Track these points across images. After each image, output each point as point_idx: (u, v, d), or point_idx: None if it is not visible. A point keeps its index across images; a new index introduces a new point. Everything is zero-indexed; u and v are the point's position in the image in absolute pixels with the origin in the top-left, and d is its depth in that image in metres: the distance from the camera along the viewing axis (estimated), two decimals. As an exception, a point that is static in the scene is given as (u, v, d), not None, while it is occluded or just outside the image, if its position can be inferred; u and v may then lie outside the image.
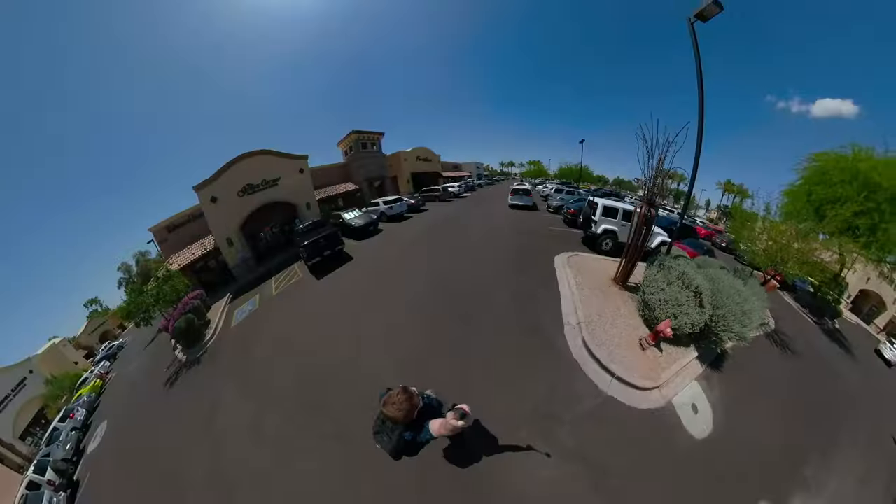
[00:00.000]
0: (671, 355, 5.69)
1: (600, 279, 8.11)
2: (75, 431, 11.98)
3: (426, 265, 9.96)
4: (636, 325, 6.35)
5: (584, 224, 11.52)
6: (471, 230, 13.96)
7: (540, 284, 7.92)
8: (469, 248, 11.29)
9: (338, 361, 6.14)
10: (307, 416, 5.13)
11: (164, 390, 9.28)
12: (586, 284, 7.69)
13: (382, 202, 18.14)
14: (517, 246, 11.12)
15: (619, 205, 10.81)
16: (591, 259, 9.79)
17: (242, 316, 10.17)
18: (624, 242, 9.90)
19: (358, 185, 23.59)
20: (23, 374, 19.10)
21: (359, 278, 10.03)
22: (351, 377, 5.60)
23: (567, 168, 64.02)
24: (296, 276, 11.64)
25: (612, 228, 10.50)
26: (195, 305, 11.27)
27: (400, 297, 8.05)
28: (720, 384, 5.52)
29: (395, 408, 2.12)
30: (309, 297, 9.84)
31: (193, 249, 15.75)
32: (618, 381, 5.00)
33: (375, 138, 25.91)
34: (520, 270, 8.87)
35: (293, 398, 5.68)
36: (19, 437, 16.00)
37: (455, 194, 28.79)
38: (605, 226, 10.52)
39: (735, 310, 5.52)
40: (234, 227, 15.30)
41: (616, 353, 5.48)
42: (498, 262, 9.53)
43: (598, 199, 11.02)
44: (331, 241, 11.45)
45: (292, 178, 17.65)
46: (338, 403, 5.12)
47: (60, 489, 9.28)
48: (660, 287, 5.98)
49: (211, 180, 14.80)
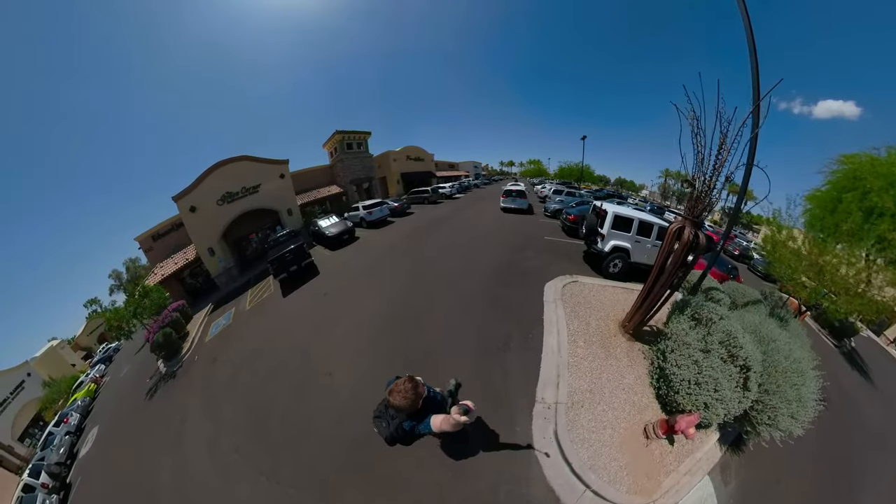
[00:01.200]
0: (683, 448, 4.19)
1: (603, 322, 6.25)
2: (69, 436, 12.63)
3: (388, 288, 9.07)
4: (644, 404, 4.60)
5: (587, 236, 9.07)
6: (452, 241, 12.79)
7: (519, 328, 6.23)
8: (442, 268, 9.81)
9: (284, 389, 6.24)
10: (252, 446, 5.37)
11: (145, 401, 9.81)
12: (582, 334, 5.85)
13: (362, 207, 17.69)
14: (500, 265, 9.46)
15: (636, 214, 8.50)
16: (594, 287, 7.77)
17: (217, 330, 10.56)
18: (638, 263, 8.38)
19: (343, 187, 23.55)
20: (21, 376, 19.83)
21: (318, 298, 9.67)
22: (293, 408, 5.64)
23: (567, 167, 61.55)
24: (268, 291, 11.67)
25: (623, 246, 8.23)
26: (174, 318, 11.68)
27: (350, 327, 7.46)
28: (738, 473, 4.25)
29: (401, 396, 2.11)
30: (273, 315, 9.75)
31: (177, 259, 16.08)
32: (593, 494, 3.60)
33: (362, 138, 25.48)
34: (496, 304, 7.23)
35: (242, 425, 5.93)
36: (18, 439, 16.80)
37: (447, 195, 27.69)
38: (614, 242, 8.21)
39: (789, 394, 4.02)
40: (216, 236, 15.52)
41: (603, 453, 3.96)
42: (472, 291, 7.97)
43: (606, 206, 8.61)
44: (297, 255, 11.22)
45: (273, 184, 17.74)
46: (278, 437, 5.26)
47: (53, 492, 9.93)
48: (691, 356, 4.21)
49: (189, 189, 14.94)
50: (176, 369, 9.85)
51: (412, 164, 34.33)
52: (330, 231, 14.61)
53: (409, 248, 12.61)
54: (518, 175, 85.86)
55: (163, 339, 10.39)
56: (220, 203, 15.60)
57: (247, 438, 5.58)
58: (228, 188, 15.85)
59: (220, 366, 8.35)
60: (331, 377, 6.09)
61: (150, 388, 10.10)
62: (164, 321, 11.43)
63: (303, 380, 6.35)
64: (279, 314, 9.68)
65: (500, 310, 7.01)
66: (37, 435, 15.30)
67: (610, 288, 7.86)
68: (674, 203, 63.61)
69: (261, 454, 5.13)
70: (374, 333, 6.96)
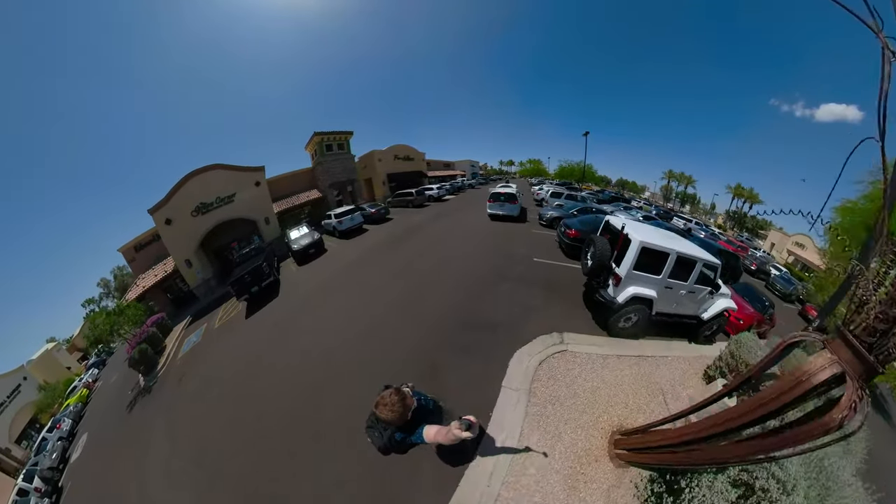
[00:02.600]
0: None
1: (585, 432, 4.10)
2: (61, 441, 13.43)
3: (323, 326, 8.07)
4: None
5: (593, 271, 6.07)
6: (412, 264, 10.70)
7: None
8: (384, 309, 7.92)
9: (226, 425, 6.21)
10: (197, 473, 5.54)
11: (126, 413, 10.47)
12: (540, 455, 3.79)
13: (333, 215, 16.89)
14: (463, 308, 7.21)
15: (674, 246, 5.49)
16: (590, 361, 5.32)
17: (188, 347, 11.07)
18: (662, 316, 5.81)
19: (322, 192, 23.56)
20: (17, 380, 20.64)
21: (269, 327, 9.27)
22: (229, 445, 5.61)
23: (568, 167, 57.24)
24: (235, 309, 11.54)
25: (647, 295, 5.54)
26: (150, 334, 12.22)
27: (286, 368, 6.96)
28: None
29: (388, 409, 2.06)
30: (235, 338, 9.58)
31: (157, 271, 16.50)
32: None
33: (343, 139, 25.10)
34: (434, 378, 5.21)
35: (188, 452, 6.15)
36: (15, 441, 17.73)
37: (435, 197, 26.08)
38: (635, 290, 5.52)
39: None
40: (192, 248, 15.80)
41: None
42: (410, 351, 6.04)
43: (627, 226, 5.66)
44: (255, 276, 10.81)
45: (248, 193, 17.80)
46: (214, 468, 5.35)
47: (46, 496, 10.76)
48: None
49: (164, 202, 15.14)
50: (152, 384, 10.46)
51: (400, 164, 33.46)
52: (297, 244, 14.09)
53: (363, 272, 11.08)
54: (516, 174, 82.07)
55: (139, 356, 10.96)
56: (194, 214, 15.76)
57: (191, 466, 5.89)
58: (202, 199, 15.94)
59: (184, 386, 8.83)
60: (259, 420, 5.84)
61: (131, 401, 10.68)
62: (141, 337, 11.96)
63: (239, 414, 6.31)
64: (240, 337, 9.66)
65: (436, 392, 4.42)
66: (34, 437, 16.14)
67: (614, 359, 5.39)
68: (677, 205, 61.33)
69: (201, 482, 5.37)
70: (300, 379, 6.43)
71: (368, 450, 2.55)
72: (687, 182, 62.37)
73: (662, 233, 6.47)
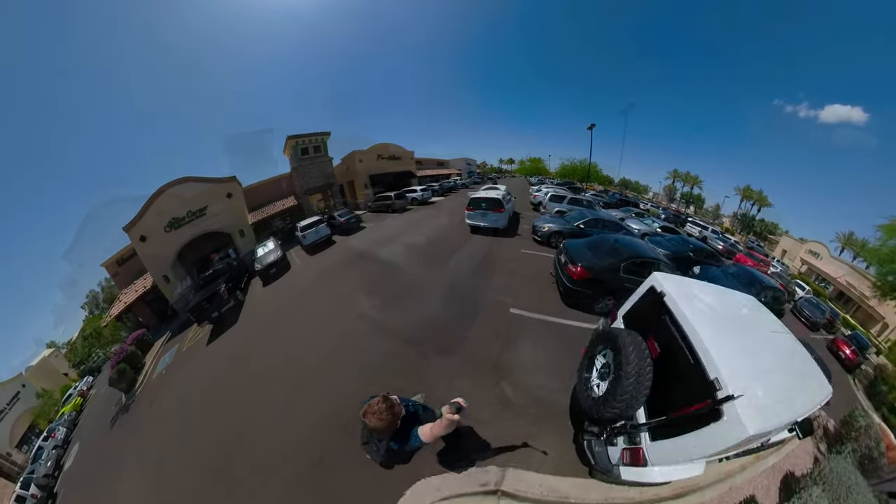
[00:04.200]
0: None
1: None
2: (56, 449, 14.37)
3: (259, 372, 7.55)
4: None
5: (601, 407, 3.02)
6: (329, 326, 8.21)
7: None
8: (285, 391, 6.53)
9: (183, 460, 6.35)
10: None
11: (109, 428, 11.25)
12: None
13: (299, 228, 15.72)
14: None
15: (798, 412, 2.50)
16: None
17: (162, 367, 11.60)
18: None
19: (298, 199, 23.52)
20: (16, 388, 21.57)
21: (224, 357, 8.94)
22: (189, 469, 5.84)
23: (570, 165, 51.78)
24: (202, 332, 11.11)
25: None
26: (129, 352, 12.88)
27: (233, 412, 6.72)
28: None
29: (376, 418, 2.02)
30: (196, 364, 9.52)
31: (137, 287, 16.99)
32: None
33: (319, 140, 24.68)
34: None
35: (154, 480, 6.41)
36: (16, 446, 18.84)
37: (419, 200, 23.59)
38: (663, 473, 2.73)
39: None
40: (168, 263, 16.19)
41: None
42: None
43: (721, 371, 2.39)
44: (214, 302, 10.47)
45: (220, 205, 17.80)
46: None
47: (42, 502, 11.79)
48: None
49: (138, 218, 15.44)
50: (130, 403, 11.20)
51: (385, 164, 31.47)
52: (259, 263, 13.20)
53: (312, 302, 10.05)
54: (514, 173, 76.28)
55: (117, 376, 11.65)
56: (167, 230, 15.96)
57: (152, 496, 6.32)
58: (174, 213, 16.05)
59: (154, 410, 9.35)
60: (212, 451, 5.95)
61: (113, 417, 11.41)
62: (120, 355, 12.62)
63: (195, 445, 6.53)
64: (200, 364, 9.59)
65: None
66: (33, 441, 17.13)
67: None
68: (681, 207, 58.07)
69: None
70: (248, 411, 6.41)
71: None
72: (693, 182, 59.74)
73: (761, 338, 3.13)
